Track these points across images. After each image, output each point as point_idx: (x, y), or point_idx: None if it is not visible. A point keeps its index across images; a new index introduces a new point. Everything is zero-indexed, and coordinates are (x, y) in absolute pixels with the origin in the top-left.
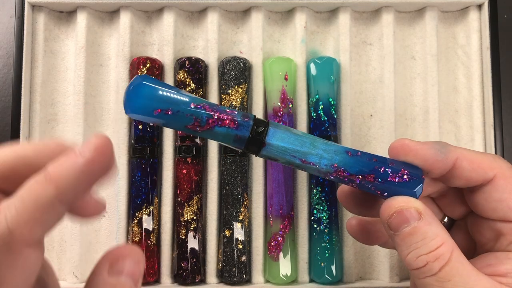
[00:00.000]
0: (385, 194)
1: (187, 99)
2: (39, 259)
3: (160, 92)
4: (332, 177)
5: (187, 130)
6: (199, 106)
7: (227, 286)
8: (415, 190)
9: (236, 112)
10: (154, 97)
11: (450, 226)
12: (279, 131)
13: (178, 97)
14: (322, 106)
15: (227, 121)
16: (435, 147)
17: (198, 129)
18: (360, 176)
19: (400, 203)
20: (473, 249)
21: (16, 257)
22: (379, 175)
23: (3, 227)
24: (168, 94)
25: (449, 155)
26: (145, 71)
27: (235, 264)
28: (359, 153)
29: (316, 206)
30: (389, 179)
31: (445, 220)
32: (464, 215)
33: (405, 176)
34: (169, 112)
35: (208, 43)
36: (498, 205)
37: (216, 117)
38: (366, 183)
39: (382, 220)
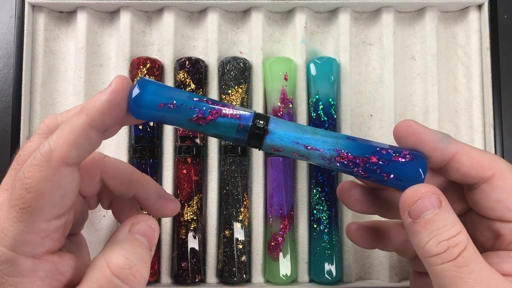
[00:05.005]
0: (391, 176)
1: (189, 94)
2: (75, 182)
3: (164, 88)
4: (337, 164)
5: (190, 125)
6: (202, 100)
7: (227, 286)
8: (420, 169)
9: (237, 106)
10: (158, 92)
11: None
12: (280, 121)
13: (181, 92)
14: (322, 106)
15: (229, 112)
16: (438, 135)
17: (201, 122)
18: (364, 158)
19: (422, 189)
20: None
21: (55, 173)
22: (382, 156)
23: (46, 147)
24: (171, 90)
25: (450, 146)
26: (145, 71)
27: (235, 264)
28: (359, 139)
29: (316, 206)
30: (393, 159)
31: None
32: (463, 213)
33: (408, 156)
34: (173, 106)
35: (208, 43)
36: (496, 205)
37: (218, 108)
38: (371, 165)
39: (401, 208)
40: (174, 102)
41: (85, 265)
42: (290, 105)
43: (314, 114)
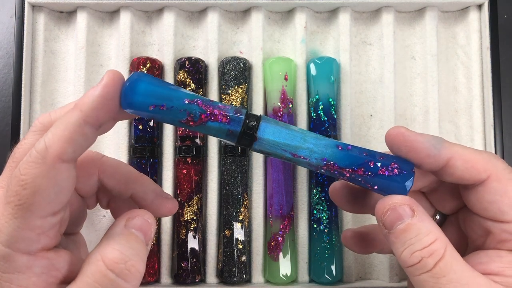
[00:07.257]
0: (375, 187)
1: (181, 95)
2: (70, 178)
3: (155, 89)
4: (322, 171)
5: (181, 125)
6: (192, 102)
7: (227, 286)
8: (405, 183)
9: (229, 107)
10: (149, 93)
11: (442, 222)
12: (270, 126)
13: (173, 93)
14: (322, 106)
15: (220, 116)
16: (430, 141)
17: (191, 123)
18: (350, 170)
19: (393, 200)
20: (465, 244)
21: (51, 169)
22: (369, 169)
23: (42, 145)
24: (163, 90)
25: (443, 152)
26: (145, 71)
27: (235, 264)
28: (350, 147)
29: (316, 206)
30: (379, 172)
31: (437, 217)
32: (456, 210)
33: (395, 170)
34: (163, 108)
35: (208, 43)
36: (489, 206)
37: (209, 112)
38: (356, 176)
39: (377, 219)
40: (165, 104)
41: (82, 262)
42: (290, 105)
43: (314, 114)
